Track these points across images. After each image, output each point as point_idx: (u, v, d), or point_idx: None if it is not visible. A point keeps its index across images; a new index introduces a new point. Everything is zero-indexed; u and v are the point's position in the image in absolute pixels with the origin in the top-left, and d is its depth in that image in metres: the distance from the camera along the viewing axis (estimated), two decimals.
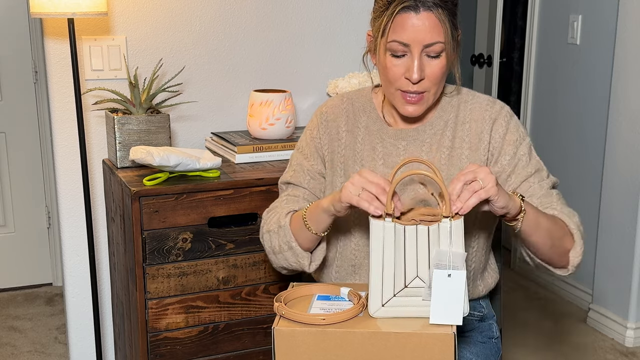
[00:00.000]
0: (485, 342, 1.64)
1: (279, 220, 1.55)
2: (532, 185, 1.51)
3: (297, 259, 1.53)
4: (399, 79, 1.46)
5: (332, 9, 2.53)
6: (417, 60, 1.42)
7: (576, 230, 1.45)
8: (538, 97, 3.57)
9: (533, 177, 1.52)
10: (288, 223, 1.52)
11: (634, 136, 2.86)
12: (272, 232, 1.56)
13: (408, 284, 1.27)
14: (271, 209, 1.63)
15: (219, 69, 2.43)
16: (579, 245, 1.45)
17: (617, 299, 3.00)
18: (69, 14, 1.96)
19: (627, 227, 2.92)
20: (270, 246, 1.57)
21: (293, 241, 1.51)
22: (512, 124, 1.55)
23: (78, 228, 2.35)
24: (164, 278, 1.96)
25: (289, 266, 1.56)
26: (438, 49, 1.42)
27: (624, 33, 2.88)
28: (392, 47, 1.43)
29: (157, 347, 1.99)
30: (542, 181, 1.52)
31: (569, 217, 1.47)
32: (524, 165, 1.52)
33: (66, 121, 2.28)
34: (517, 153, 1.53)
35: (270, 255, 1.60)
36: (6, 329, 3.10)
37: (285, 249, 1.53)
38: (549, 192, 1.51)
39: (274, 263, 1.61)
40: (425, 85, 1.46)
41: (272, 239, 1.56)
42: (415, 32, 1.40)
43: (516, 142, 1.53)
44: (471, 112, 1.56)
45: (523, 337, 3.02)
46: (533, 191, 1.51)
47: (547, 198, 1.50)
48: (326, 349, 1.25)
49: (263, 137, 2.26)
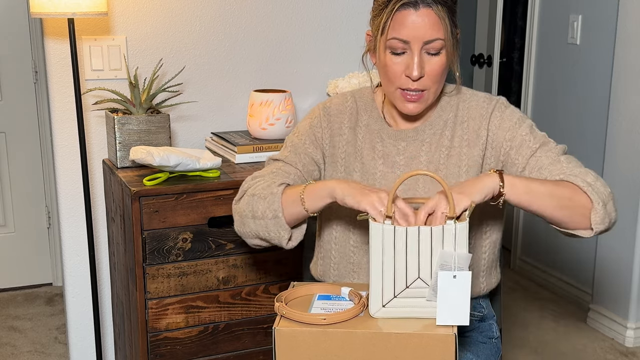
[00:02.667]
0: (485, 342, 1.64)
1: (270, 186, 1.49)
2: (539, 158, 1.48)
3: (279, 230, 1.47)
4: (399, 77, 1.45)
5: (332, 9, 2.53)
6: (417, 57, 1.42)
7: (588, 187, 1.39)
8: (538, 97, 3.57)
9: (539, 150, 1.49)
10: (280, 192, 1.47)
11: (634, 136, 2.86)
12: (258, 196, 1.49)
13: (409, 284, 1.27)
14: (256, 176, 1.57)
15: (219, 69, 2.43)
16: (595, 202, 1.38)
17: (617, 299, 3.00)
18: (69, 14, 1.96)
19: (627, 227, 2.92)
20: (252, 210, 1.49)
21: (280, 211, 1.46)
22: (507, 112, 1.54)
23: (78, 228, 2.35)
24: (164, 278, 1.96)
25: (266, 236, 1.50)
26: (438, 45, 1.42)
27: (624, 33, 2.88)
28: (392, 45, 1.43)
29: (157, 347, 1.99)
30: (549, 152, 1.49)
31: (578, 177, 1.41)
32: (527, 144, 1.50)
33: (66, 121, 2.28)
34: (518, 134, 1.51)
35: (246, 219, 1.51)
36: (6, 329, 3.10)
37: (270, 217, 1.47)
38: (557, 160, 1.47)
39: (247, 229, 1.52)
40: (425, 83, 1.46)
41: (257, 202, 1.48)
42: (415, 28, 1.40)
43: (515, 125, 1.52)
44: (469, 110, 1.56)
45: (523, 337, 3.02)
46: (541, 163, 1.48)
47: (555, 166, 1.46)
48: (327, 349, 1.25)
49: (263, 137, 2.26)
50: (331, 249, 1.62)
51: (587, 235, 1.42)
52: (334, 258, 1.62)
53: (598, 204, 1.39)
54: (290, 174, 1.57)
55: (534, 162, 1.48)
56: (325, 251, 1.64)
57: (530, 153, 1.49)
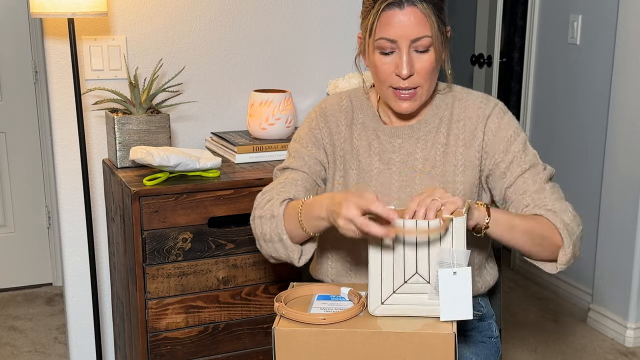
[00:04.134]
0: (485, 341, 1.64)
1: (272, 208, 1.50)
2: (526, 181, 1.51)
3: (287, 252, 1.49)
4: (390, 76, 1.47)
5: (332, 9, 2.53)
6: (405, 56, 1.44)
7: (563, 229, 1.44)
8: (538, 97, 3.57)
9: (528, 172, 1.52)
10: (282, 214, 1.47)
11: (634, 136, 2.86)
12: (263, 219, 1.51)
13: (408, 279, 1.27)
14: (265, 191, 1.57)
15: (219, 69, 2.43)
16: (567, 245, 1.44)
17: (617, 299, 3.00)
18: (69, 14, 1.96)
19: (627, 227, 2.92)
20: (261, 232, 1.52)
21: (284, 234, 1.47)
22: (505, 120, 1.55)
23: (78, 228, 2.35)
24: (164, 278, 1.96)
25: (278, 256, 1.52)
26: (426, 43, 1.44)
27: (624, 33, 2.88)
28: (380, 45, 1.45)
29: (157, 347, 1.99)
30: (537, 176, 1.52)
31: (557, 214, 1.45)
32: (518, 162, 1.52)
33: (66, 121, 2.28)
34: (511, 149, 1.53)
35: (260, 241, 1.54)
36: (6, 329, 3.10)
37: (276, 240, 1.48)
38: (542, 188, 1.51)
39: (262, 249, 1.55)
40: (416, 81, 1.47)
41: (264, 225, 1.50)
42: (402, 27, 1.42)
43: (510, 138, 1.54)
44: (465, 109, 1.57)
45: (523, 337, 3.03)
46: (527, 187, 1.51)
47: (539, 194, 1.50)
48: (327, 349, 1.25)
49: (263, 137, 2.26)
50: (328, 248, 1.63)
51: (550, 270, 1.49)
52: (331, 257, 1.63)
53: (568, 247, 1.44)
54: (298, 180, 1.58)
55: (521, 183, 1.51)
56: (322, 251, 1.64)
57: (519, 172, 1.52)
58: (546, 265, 1.49)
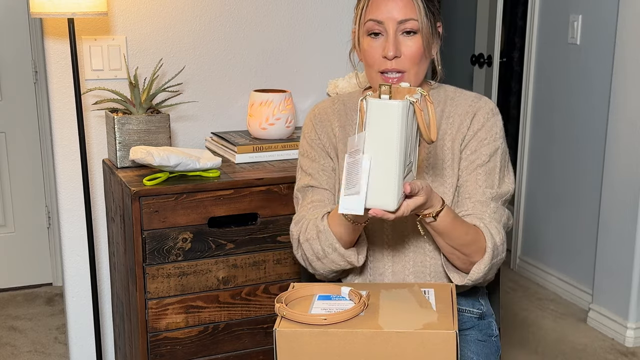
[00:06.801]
0: (485, 340, 1.64)
1: (316, 225, 1.51)
2: (477, 188, 1.52)
3: (345, 258, 1.50)
4: (378, 60, 1.50)
5: (332, 9, 2.53)
6: (392, 37, 1.48)
7: (490, 251, 1.44)
8: (538, 97, 3.57)
9: (482, 180, 1.53)
10: (327, 226, 1.49)
11: (634, 136, 2.86)
12: (311, 240, 1.52)
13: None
14: (299, 220, 1.59)
15: (219, 69, 2.43)
16: (484, 264, 1.44)
17: (617, 299, 3.00)
18: (69, 14, 1.96)
19: (627, 227, 2.92)
20: (313, 253, 1.53)
21: (336, 242, 1.48)
22: (490, 122, 1.56)
23: (78, 228, 2.35)
24: (164, 278, 1.95)
25: (337, 268, 1.53)
26: (412, 25, 1.48)
27: (624, 33, 2.88)
28: (369, 27, 1.50)
29: (157, 347, 1.99)
30: (488, 189, 1.52)
31: (492, 233, 1.45)
32: (479, 163, 1.53)
33: (66, 121, 2.28)
34: (479, 150, 1.54)
35: (314, 263, 1.55)
36: (6, 329, 3.10)
37: (330, 252, 1.50)
38: (487, 202, 1.51)
39: (319, 269, 1.55)
40: (403, 64, 1.49)
41: (313, 245, 1.51)
42: (389, 10, 1.47)
43: (484, 140, 1.55)
44: (457, 107, 1.60)
45: (523, 337, 3.02)
46: (472, 193, 1.52)
47: (481, 207, 1.50)
48: (328, 349, 1.25)
49: (263, 137, 2.26)
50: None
51: (458, 281, 1.48)
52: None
53: (486, 266, 1.44)
54: (324, 198, 1.60)
55: (470, 184, 1.53)
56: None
57: (474, 175, 1.53)
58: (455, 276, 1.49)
